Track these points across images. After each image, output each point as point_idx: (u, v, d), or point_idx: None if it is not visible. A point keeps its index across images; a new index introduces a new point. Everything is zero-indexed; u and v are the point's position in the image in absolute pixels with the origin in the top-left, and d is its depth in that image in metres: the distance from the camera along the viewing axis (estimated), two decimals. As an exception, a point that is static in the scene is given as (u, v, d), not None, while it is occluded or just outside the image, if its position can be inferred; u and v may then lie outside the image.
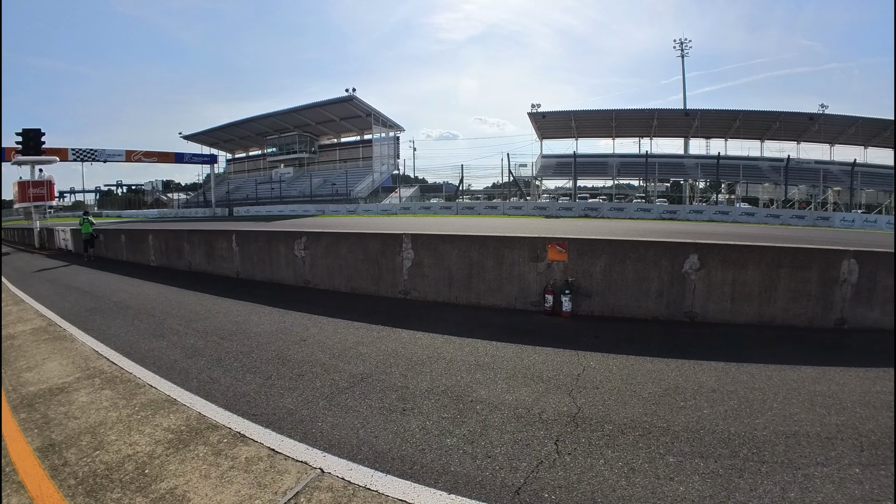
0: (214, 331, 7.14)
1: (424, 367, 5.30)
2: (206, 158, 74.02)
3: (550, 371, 5.11)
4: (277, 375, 5.24)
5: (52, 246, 26.34)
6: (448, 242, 8.48)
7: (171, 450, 3.77)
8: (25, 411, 4.74)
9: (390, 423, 4.03)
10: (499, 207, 50.45)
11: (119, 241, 18.68)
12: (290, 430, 3.98)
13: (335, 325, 7.21)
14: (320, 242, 10.21)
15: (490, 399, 4.44)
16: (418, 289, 8.73)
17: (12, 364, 6.26)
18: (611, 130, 66.23)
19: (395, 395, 4.61)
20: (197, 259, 13.80)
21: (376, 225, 30.40)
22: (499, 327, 6.88)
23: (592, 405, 4.29)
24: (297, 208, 62.28)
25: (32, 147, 26.74)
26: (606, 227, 26.17)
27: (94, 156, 56.79)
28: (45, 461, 3.75)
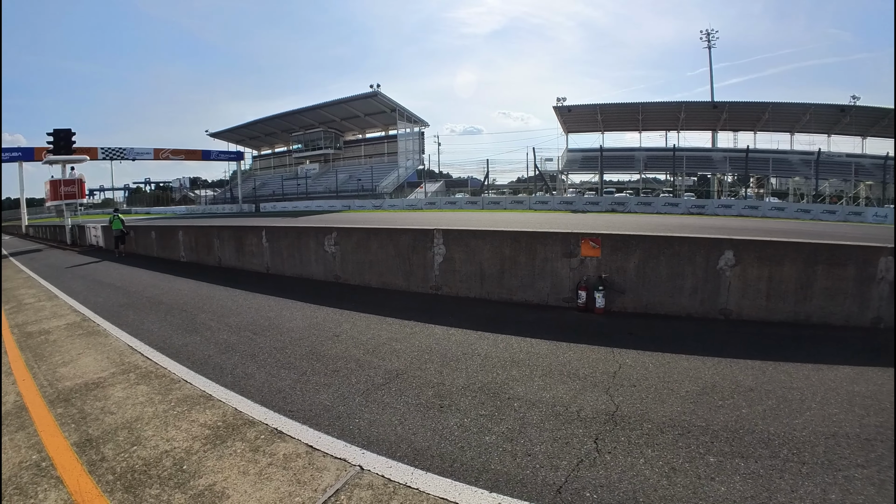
0: (247, 326, 7.18)
1: (460, 364, 5.25)
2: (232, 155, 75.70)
3: (586, 368, 5.03)
4: (312, 371, 5.23)
5: (83, 243, 27.08)
6: (479, 238, 8.40)
7: (208, 446, 3.77)
8: (62, 406, 4.82)
9: (428, 420, 4.00)
10: (524, 202, 50.25)
11: (149, 238, 19.07)
12: (328, 427, 3.95)
13: (367, 320, 7.20)
14: (351, 238, 10.22)
15: (527, 396, 4.38)
16: (450, 284, 8.68)
17: (48, 359, 6.40)
18: (637, 124, 65.48)
19: (432, 391, 4.57)
20: (227, 255, 13.99)
21: (403, 220, 30.47)
22: (532, 323, 6.79)
23: (630, 403, 4.21)
24: (322, 204, 63.08)
25: (63, 146, 27.63)
26: (634, 222, 25.85)
27: (123, 154, 58.52)
28: (82, 456, 3.79)
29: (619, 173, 66.76)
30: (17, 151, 50.28)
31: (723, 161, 60.62)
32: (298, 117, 76.38)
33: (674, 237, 7.22)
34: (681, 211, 40.80)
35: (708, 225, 24.60)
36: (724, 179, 62.39)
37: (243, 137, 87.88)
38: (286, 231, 11.97)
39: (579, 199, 50.53)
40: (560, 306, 7.61)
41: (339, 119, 76.37)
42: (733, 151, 60.63)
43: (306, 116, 76.06)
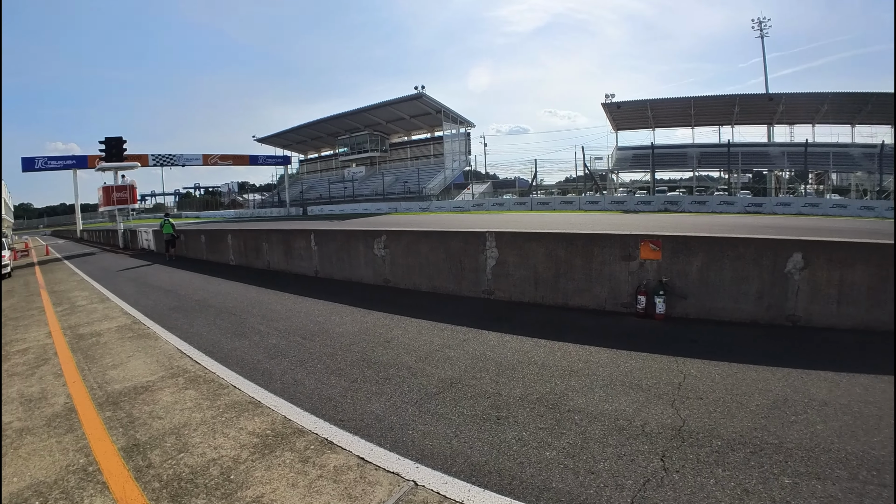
0: (296, 331, 7.20)
1: (516, 373, 5.07)
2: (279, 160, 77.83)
3: (649, 379, 4.77)
4: (363, 379, 5.15)
5: (135, 246, 28.33)
6: (534, 240, 8.20)
7: (256, 455, 3.73)
8: (111, 409, 4.91)
9: (484, 433, 3.84)
10: (574, 202, 49.27)
11: (199, 241, 19.66)
12: (380, 438, 3.85)
13: (419, 326, 7.11)
14: (400, 241, 10.18)
15: (588, 408, 4.18)
16: (502, 289, 8.50)
17: (98, 361, 6.58)
18: (689, 119, 63.27)
19: (488, 402, 4.41)
20: (275, 258, 14.21)
21: (451, 222, 30.49)
22: (590, 330, 6.54)
23: (698, 417, 3.96)
24: (369, 206, 63.95)
25: (115, 154, 29.27)
26: (690, 223, 24.89)
27: (172, 160, 61.25)
28: (129, 462, 3.81)
29: (671, 171, 64.93)
30: (72, 159, 53.76)
31: (780, 156, 57.79)
32: (344, 121, 77.62)
33: (738, 238, 6.84)
34: (737, 210, 39.10)
35: (767, 224, 23.47)
36: (782, 176, 59.42)
37: (290, 142, 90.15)
38: (335, 234, 12.05)
39: (630, 198, 49.14)
40: (618, 312, 7.33)
41: (385, 122, 77.36)
42: (791, 146, 57.64)
43: (351, 120, 77.22)
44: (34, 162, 52.71)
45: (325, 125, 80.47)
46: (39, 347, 7.67)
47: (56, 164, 53.84)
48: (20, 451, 4.26)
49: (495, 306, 8.16)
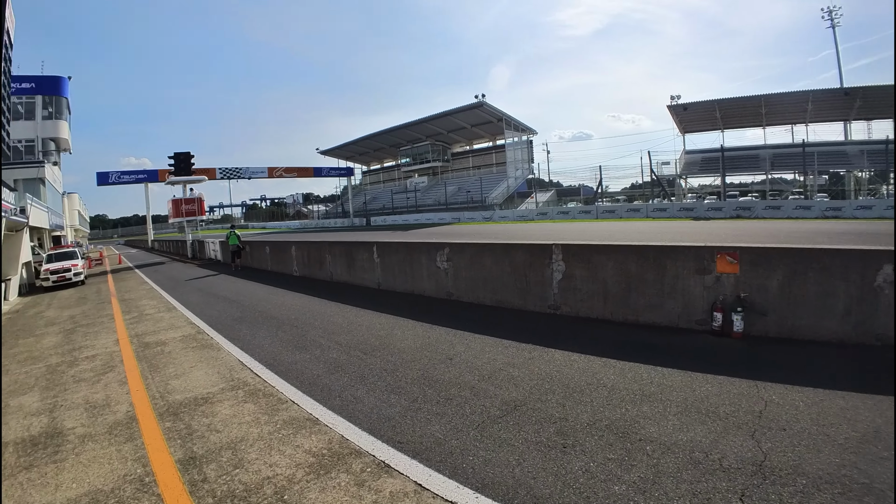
0: (357, 345, 7.18)
1: (584, 396, 4.80)
2: (342, 171, 79.76)
3: (727, 406, 4.40)
4: (423, 398, 5.02)
5: (202, 256, 29.55)
6: (602, 253, 7.88)
7: (311, 475, 3.66)
8: (171, 420, 4.99)
9: (549, 462, 3.62)
10: (641, 210, 47.65)
11: (264, 253, 20.20)
12: (439, 464, 3.71)
13: (482, 342, 6.92)
14: (463, 253, 10.04)
15: (661, 438, 3.88)
16: (569, 303, 8.20)
17: (161, 371, 6.76)
18: (760, 119, 60.14)
19: (553, 427, 4.17)
20: (338, 270, 14.37)
21: (514, 232, 30.25)
22: (662, 349, 6.16)
23: (780, 451, 3.60)
24: (432, 216, 64.40)
25: (183, 168, 31.09)
26: (765, 230, 23.47)
27: (239, 173, 63.74)
28: (185, 475, 3.83)
29: (742, 175, 61.41)
30: (144, 174, 57.32)
31: (859, 155, 53.71)
32: (405, 131, 78.74)
33: (823, 249, 6.30)
34: (814, 214, 36.65)
35: (848, 231, 21.78)
36: (861, 177, 55.56)
37: (352, 153, 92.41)
38: (397, 247, 12.05)
39: (700, 204, 46.93)
40: (692, 329, 6.90)
41: (446, 131, 77.90)
42: (870, 144, 53.56)
43: (413, 130, 78.24)
44: (108, 176, 56.10)
45: (387, 136, 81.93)
46: (107, 354, 7.98)
47: (128, 179, 57.18)
48: (81, 457, 4.40)
49: (562, 322, 7.88)
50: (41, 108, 41.79)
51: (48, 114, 42.29)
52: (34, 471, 4.25)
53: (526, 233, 29.24)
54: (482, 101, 63.57)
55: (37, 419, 5.48)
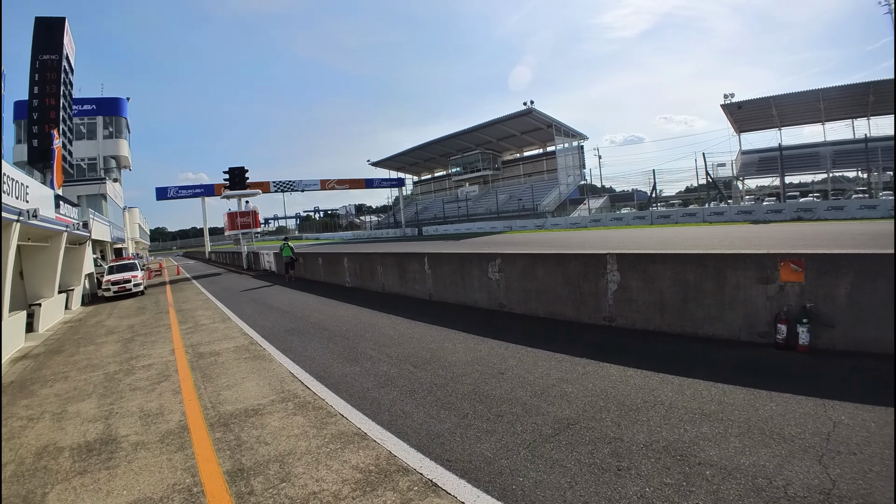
0: (408, 358, 7.17)
1: (640, 415, 4.61)
2: (393, 182, 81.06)
3: (792, 427, 4.13)
4: (474, 414, 4.94)
5: (257, 267, 30.42)
6: (659, 262, 7.62)
7: (357, 492, 3.64)
8: (221, 430, 5.09)
9: (603, 486, 3.47)
10: (697, 214, 46.07)
11: (317, 264, 20.58)
12: (488, 484, 3.62)
13: (534, 356, 6.78)
14: (515, 264, 9.94)
15: (721, 462, 3.67)
16: (625, 315, 7.98)
17: (214, 381, 6.93)
18: (818, 114, 57.30)
19: (608, 448, 4.01)
20: (390, 281, 14.49)
21: (567, 240, 29.81)
22: (722, 364, 5.87)
23: (850, 479, 3.34)
24: (483, 225, 64.40)
25: (238, 182, 32.38)
26: (826, 233, 22.12)
27: (292, 186, 65.87)
28: (232, 486, 3.88)
29: (802, 174, 58.73)
30: (200, 188, 60.34)
31: None
32: (455, 141, 79.37)
33: None
34: (880, 214, 34.25)
35: None
36: None
37: (403, 164, 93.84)
38: (449, 258, 12.05)
39: (759, 207, 44.87)
40: (754, 342, 6.55)
41: (496, 139, 78.06)
42: None
43: (462, 139, 78.79)
44: (167, 191, 59.17)
45: (437, 146, 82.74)
46: (163, 364, 8.24)
47: (186, 193, 60.16)
48: (133, 464, 4.55)
49: (617, 335, 7.66)
50: (102, 128, 44.69)
51: (109, 133, 45.10)
52: (87, 476, 4.41)
53: (579, 241, 28.76)
54: (531, 108, 63.56)
55: (93, 425, 5.71)
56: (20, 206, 11.00)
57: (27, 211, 11.28)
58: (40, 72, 23.75)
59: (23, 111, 31.55)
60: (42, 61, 23.81)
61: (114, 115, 45.68)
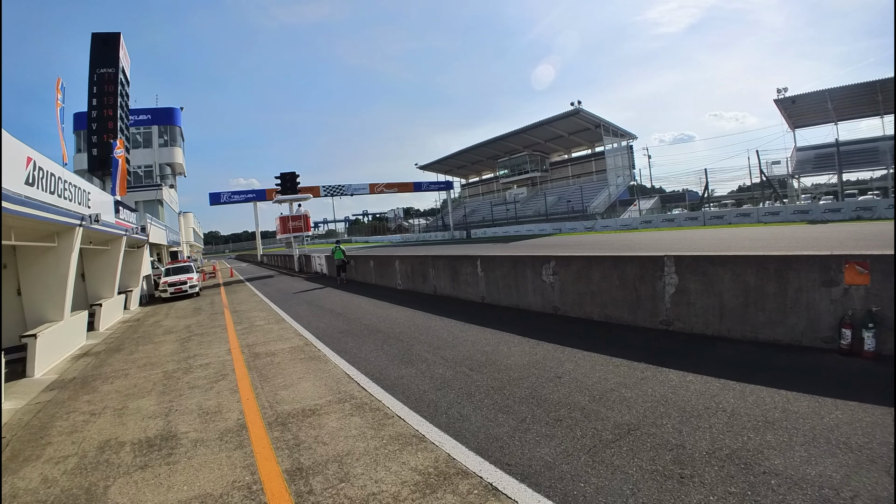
0: (463, 360, 7.14)
1: (702, 421, 4.46)
2: (441, 185, 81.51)
3: (859, 436, 3.91)
4: (532, 418, 4.87)
5: (309, 270, 31.04)
6: (718, 264, 7.36)
7: (416, 494, 3.63)
8: (279, 430, 5.17)
9: (666, 494, 3.37)
10: (752, 214, 44.33)
11: (368, 266, 20.78)
12: (549, 490, 3.56)
13: (591, 360, 6.66)
14: (570, 267, 9.80)
15: (786, 471, 3.50)
16: (682, 319, 7.75)
17: (271, 381, 7.06)
18: (877, 107, 54.17)
19: (670, 455, 3.89)
20: (442, 283, 14.50)
21: (619, 243, 29.32)
22: (784, 370, 5.62)
23: None
24: (532, 228, 64.11)
25: (289, 187, 33.10)
26: (888, 232, 20.73)
27: (341, 191, 67.17)
28: (291, 485, 3.93)
29: (861, 171, 56.20)
30: (252, 193, 61.85)
31: None
32: (502, 143, 79.47)
33: None
34: None
35: None
36: None
37: (450, 167, 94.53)
38: (502, 260, 11.97)
39: (816, 206, 42.77)
40: (817, 347, 6.25)
41: (543, 141, 77.78)
42: None
43: (510, 142, 78.80)
44: (220, 196, 60.81)
45: (484, 149, 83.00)
46: (220, 363, 8.44)
47: (238, 198, 61.66)
48: (193, 461, 4.67)
49: (675, 339, 7.45)
50: (157, 137, 46.89)
51: (164, 142, 47.21)
52: (148, 471, 4.55)
53: (631, 243, 28.23)
54: (578, 108, 63.13)
55: (153, 422, 5.90)
56: (82, 212, 11.55)
57: (89, 216, 11.84)
58: (98, 84, 25.25)
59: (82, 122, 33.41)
60: (99, 74, 25.33)
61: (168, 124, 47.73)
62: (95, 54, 25.48)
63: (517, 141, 78.19)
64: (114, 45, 25.84)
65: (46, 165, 9.36)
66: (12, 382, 8.37)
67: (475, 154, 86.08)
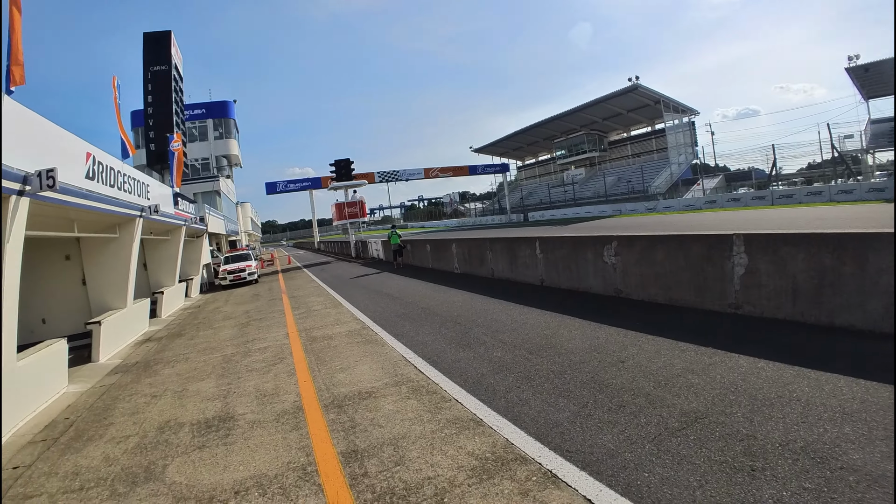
0: (522, 344, 7.03)
1: (774, 410, 4.19)
2: (497, 168, 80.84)
3: None
4: (594, 404, 4.72)
5: (365, 255, 31.45)
6: (791, 243, 6.91)
7: (473, 479, 3.56)
8: (335, 412, 5.20)
9: (735, 487, 3.17)
10: (823, 193, 41.80)
11: (424, 250, 20.83)
12: (611, 478, 3.42)
13: (656, 344, 6.41)
14: (633, 247, 9.49)
15: (866, 467, 3.23)
16: (752, 302, 7.36)
17: (328, 364, 7.14)
18: None
19: (740, 446, 3.67)
20: (500, 266, 14.37)
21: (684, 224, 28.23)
22: (863, 358, 5.21)
23: None
24: (591, 209, 62.80)
25: (344, 174, 33.68)
26: None
27: (396, 176, 67.74)
28: (346, 467, 3.94)
29: None
30: (307, 181, 63.32)
31: None
32: (558, 123, 77.93)
33: None
34: None
35: None
36: None
37: (506, 150, 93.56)
38: (561, 241, 11.73)
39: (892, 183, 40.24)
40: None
41: (601, 119, 75.66)
42: None
43: (566, 121, 77.11)
44: (276, 186, 62.37)
45: (540, 129, 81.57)
46: (277, 347, 8.61)
47: (294, 187, 63.14)
48: (249, 441, 4.76)
49: (744, 323, 7.09)
50: (212, 130, 48.51)
51: (219, 134, 48.76)
52: (206, 451, 4.67)
53: (696, 224, 27.24)
54: (636, 84, 61.14)
55: (212, 404, 6.06)
56: (142, 203, 12.05)
57: (148, 207, 12.35)
58: (152, 82, 26.38)
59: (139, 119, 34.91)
60: (153, 72, 26.43)
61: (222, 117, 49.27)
62: (148, 53, 26.54)
63: (574, 120, 76.49)
64: (165, 42, 26.83)
65: (105, 160, 9.77)
66: (78, 367, 8.81)
67: (531, 135, 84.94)
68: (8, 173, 6.06)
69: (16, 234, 6.32)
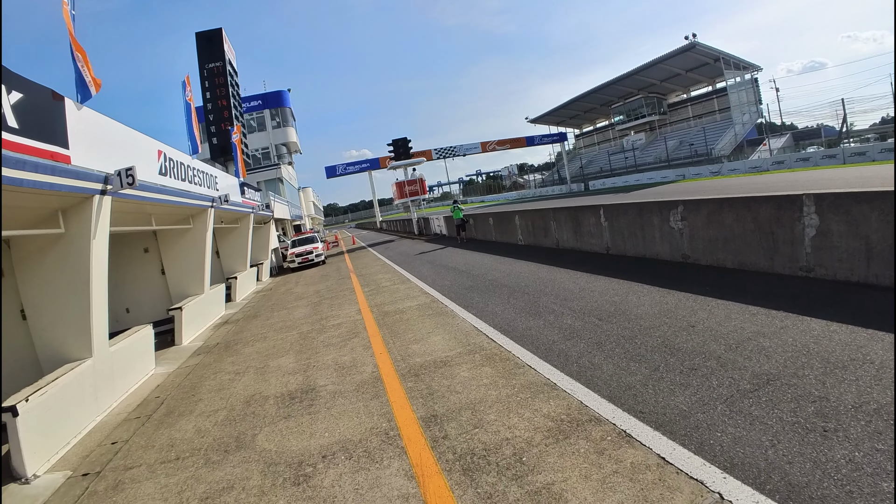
0: (591, 311, 7.08)
1: (847, 373, 4.10)
2: (554, 138, 79.38)
3: None
4: (665, 367, 4.76)
5: (428, 232, 31.76)
6: (864, 202, 6.57)
7: (550, 439, 3.69)
8: (412, 380, 5.44)
9: (807, 447, 3.18)
10: None
11: (487, 224, 20.89)
12: (683, 438, 3.50)
13: (726, 308, 6.33)
14: (700, 211, 9.29)
15: None
16: (824, 264, 7.11)
17: (401, 336, 7.41)
18: None
19: (812, 407, 3.64)
20: (564, 236, 14.33)
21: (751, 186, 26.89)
22: None
23: None
24: (654, 175, 60.79)
25: (402, 153, 33.89)
26: None
27: (453, 152, 67.74)
28: (426, 431, 4.14)
29: None
30: (366, 163, 63.94)
31: None
32: (615, 87, 75.49)
33: None
34: None
35: None
36: None
37: (562, 118, 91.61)
38: (626, 208, 11.60)
39: None
40: None
41: (659, 81, 72.68)
42: None
43: (623, 85, 74.55)
44: (335, 169, 63.70)
45: (597, 95, 79.25)
46: (351, 323, 8.94)
47: (353, 169, 64.12)
48: (332, 410, 5.07)
49: (816, 286, 6.87)
50: (270, 120, 49.61)
51: (276, 123, 49.87)
52: (292, 420, 4.99)
53: (764, 186, 26.02)
54: (694, 42, 58.37)
55: (293, 377, 6.43)
56: (212, 195, 12.61)
57: (218, 197, 12.91)
58: (209, 79, 27.30)
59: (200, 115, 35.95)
60: (209, 69, 27.32)
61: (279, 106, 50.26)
62: (202, 51, 27.44)
63: (630, 84, 73.94)
64: (217, 40, 27.64)
65: (176, 156, 10.28)
66: (163, 350, 9.44)
67: (587, 102, 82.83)
68: (89, 174, 6.47)
69: (101, 231, 6.78)
